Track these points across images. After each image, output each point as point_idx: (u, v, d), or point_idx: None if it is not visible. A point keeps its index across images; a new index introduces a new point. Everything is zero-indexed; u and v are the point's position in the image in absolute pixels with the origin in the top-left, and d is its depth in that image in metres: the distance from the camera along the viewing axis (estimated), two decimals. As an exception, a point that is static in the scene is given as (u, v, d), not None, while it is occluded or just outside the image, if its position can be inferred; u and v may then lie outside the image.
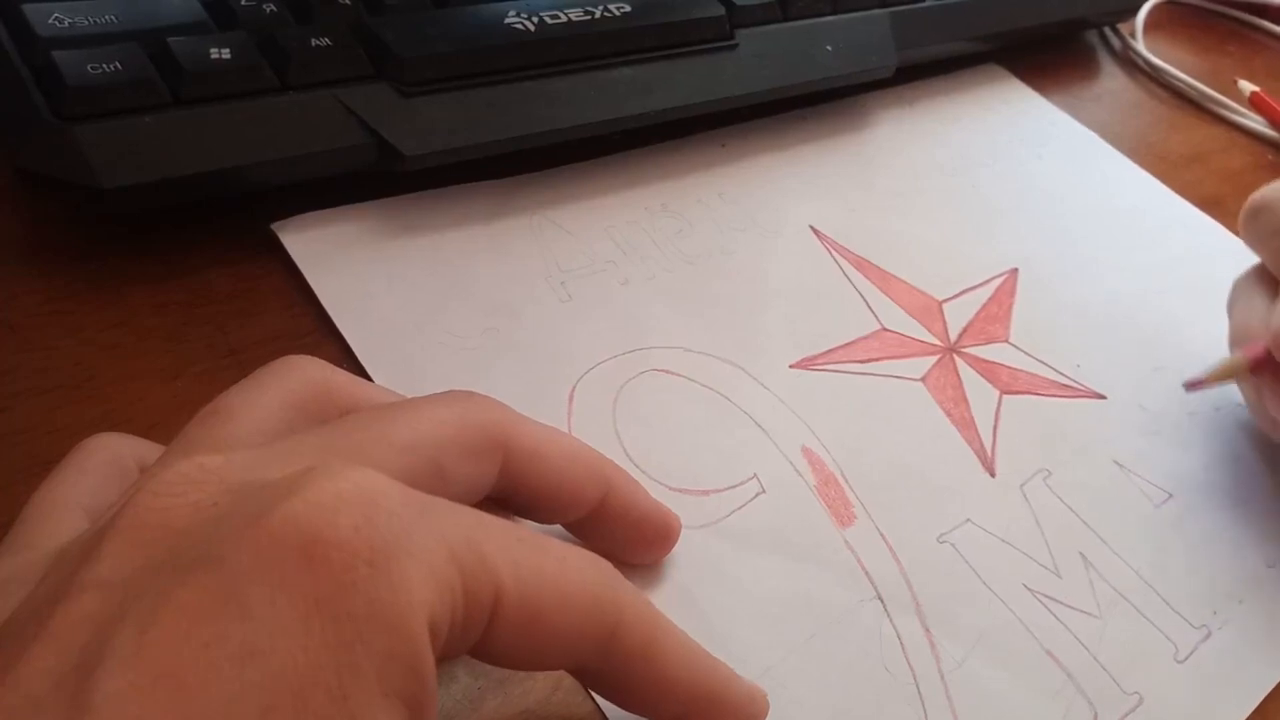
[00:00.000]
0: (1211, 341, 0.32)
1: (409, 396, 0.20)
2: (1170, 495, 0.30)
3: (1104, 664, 0.25)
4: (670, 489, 0.26)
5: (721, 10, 0.36)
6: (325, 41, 0.29)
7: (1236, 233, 0.41)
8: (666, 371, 0.29)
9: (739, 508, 0.26)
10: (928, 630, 0.25)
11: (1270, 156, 0.48)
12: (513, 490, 0.20)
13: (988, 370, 0.32)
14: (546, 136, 0.32)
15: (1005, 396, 0.32)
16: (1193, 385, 0.30)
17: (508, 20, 0.32)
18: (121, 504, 0.15)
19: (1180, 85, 0.51)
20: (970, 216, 0.39)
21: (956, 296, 0.35)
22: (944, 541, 0.27)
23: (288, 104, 0.28)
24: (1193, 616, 0.27)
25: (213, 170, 0.27)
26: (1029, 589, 0.26)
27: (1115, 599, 0.27)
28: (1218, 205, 0.43)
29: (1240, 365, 0.29)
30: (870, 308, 0.33)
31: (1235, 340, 0.31)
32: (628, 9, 0.34)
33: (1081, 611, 0.26)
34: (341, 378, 0.20)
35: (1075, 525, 0.28)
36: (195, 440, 0.18)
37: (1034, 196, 0.41)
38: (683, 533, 0.24)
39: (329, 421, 0.18)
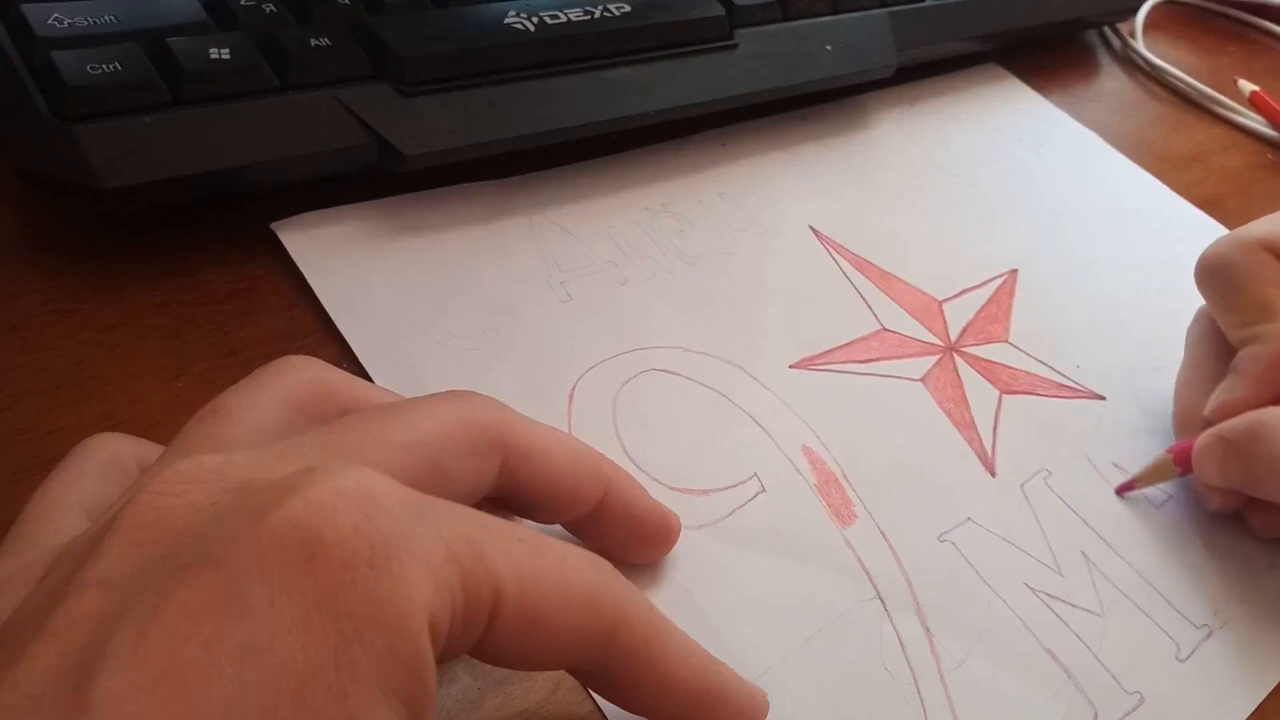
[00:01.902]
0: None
1: (409, 396, 0.20)
2: (1170, 496, 0.30)
3: (1105, 663, 0.25)
4: (670, 489, 0.26)
5: (721, 10, 0.36)
6: (325, 41, 0.29)
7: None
8: (666, 371, 0.29)
9: (739, 507, 0.26)
10: (928, 630, 0.25)
11: (1270, 156, 0.48)
12: (512, 490, 0.20)
13: (988, 370, 0.32)
14: (546, 136, 0.32)
15: (1005, 396, 0.32)
16: (1124, 489, 0.30)
17: (508, 20, 0.32)
18: (122, 503, 0.15)
19: (1180, 85, 0.51)
20: (970, 216, 0.39)
21: (956, 296, 0.35)
22: (945, 540, 0.27)
23: (288, 104, 0.28)
24: (1194, 615, 0.27)
25: (213, 170, 0.27)
26: (1030, 588, 0.26)
27: (1117, 598, 0.27)
28: (1218, 205, 0.43)
29: (1169, 467, 0.29)
30: (870, 308, 0.33)
31: (1181, 427, 0.31)
32: (628, 9, 0.34)
33: (1083, 610, 0.26)
34: (340, 377, 0.20)
35: (1076, 525, 0.28)
36: (195, 440, 0.18)
37: (1034, 196, 0.41)
38: (683, 533, 0.24)
39: (329, 421, 0.18)
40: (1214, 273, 0.30)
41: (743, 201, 0.36)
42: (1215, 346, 0.31)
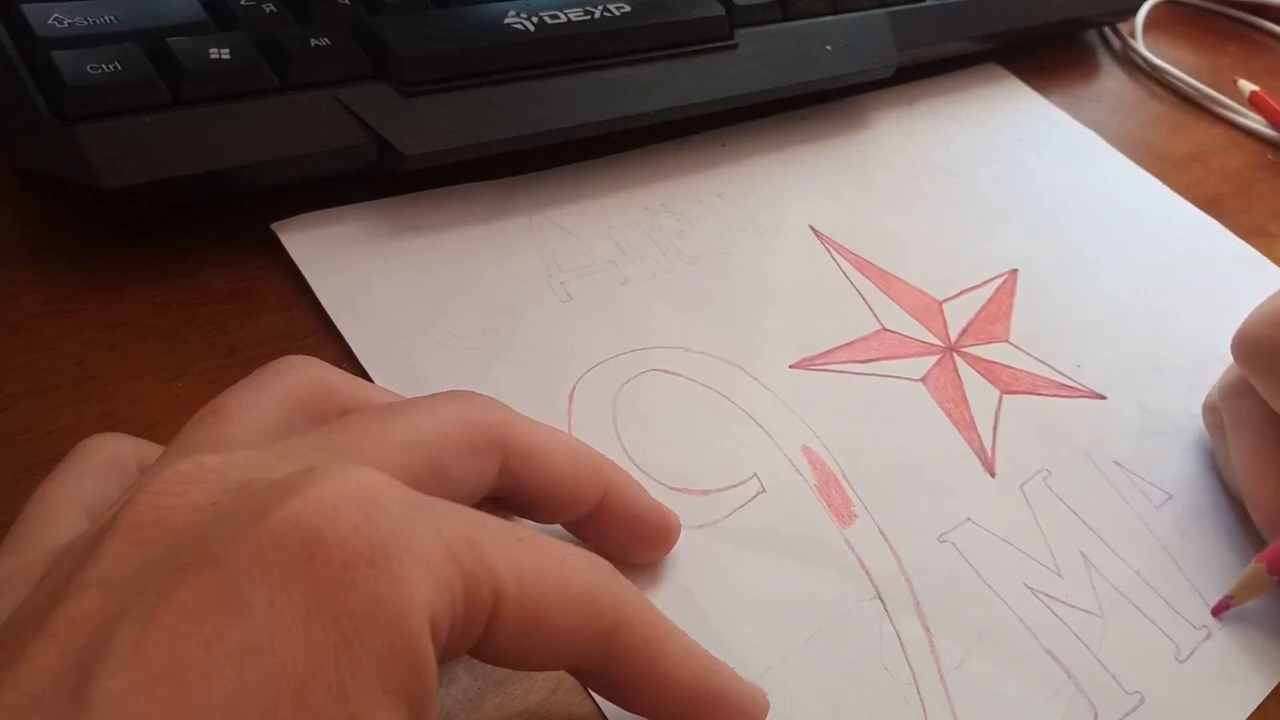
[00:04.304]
0: (1213, 341, 0.32)
1: (408, 396, 0.20)
2: (1170, 496, 0.30)
3: (1105, 663, 0.25)
4: (670, 489, 0.26)
5: (721, 10, 0.36)
6: (325, 41, 0.29)
7: (1237, 233, 0.41)
8: (666, 371, 0.29)
9: (739, 507, 0.26)
10: (928, 630, 0.25)
11: (1270, 156, 0.48)
12: (512, 490, 0.20)
13: (988, 370, 0.32)
14: (546, 136, 0.32)
15: (1005, 396, 0.32)
16: (1220, 609, 0.27)
17: (508, 20, 0.32)
18: (121, 503, 0.15)
19: (1180, 85, 0.51)
20: (970, 216, 0.39)
21: (956, 296, 0.35)
22: (945, 541, 0.27)
23: (288, 104, 0.28)
24: (1194, 616, 0.27)
25: (213, 170, 0.27)
26: (1030, 588, 0.26)
27: (1117, 598, 0.27)
28: (1218, 205, 0.43)
29: (1263, 577, 0.27)
30: (870, 308, 0.33)
31: (1267, 524, 0.28)
32: (628, 9, 0.34)
33: (1083, 610, 0.26)
34: (340, 377, 0.20)
35: (1076, 525, 0.28)
36: (195, 440, 0.18)
37: (1034, 196, 0.41)
38: (683, 533, 0.24)
39: (329, 421, 0.18)
40: (1266, 357, 0.28)
41: (743, 201, 0.36)
42: (1274, 430, 0.29)
